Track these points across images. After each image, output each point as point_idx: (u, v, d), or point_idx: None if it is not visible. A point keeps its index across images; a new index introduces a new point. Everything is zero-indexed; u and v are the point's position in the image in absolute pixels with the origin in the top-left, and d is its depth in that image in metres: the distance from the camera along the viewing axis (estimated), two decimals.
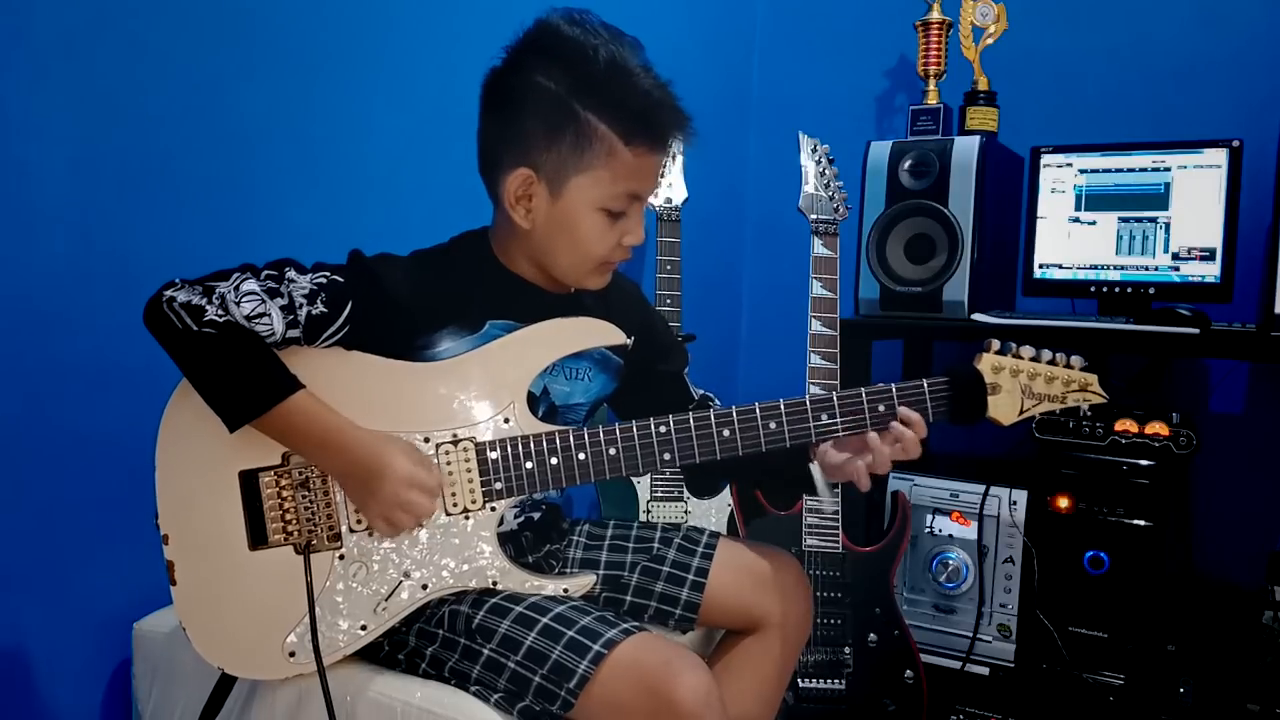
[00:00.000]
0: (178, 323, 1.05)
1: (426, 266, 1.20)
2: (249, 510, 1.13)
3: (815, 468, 1.26)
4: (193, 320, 1.05)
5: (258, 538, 1.13)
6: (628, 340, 1.23)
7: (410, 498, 1.10)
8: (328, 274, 1.12)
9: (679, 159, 2.07)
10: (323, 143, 1.60)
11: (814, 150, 1.81)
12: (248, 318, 1.06)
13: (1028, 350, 1.21)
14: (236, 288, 1.07)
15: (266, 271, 1.11)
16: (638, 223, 1.19)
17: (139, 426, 1.15)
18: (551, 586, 1.16)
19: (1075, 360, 1.23)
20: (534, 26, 1.16)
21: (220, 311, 1.05)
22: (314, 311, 1.10)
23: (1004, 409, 1.21)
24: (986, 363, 1.21)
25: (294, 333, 1.09)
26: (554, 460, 1.16)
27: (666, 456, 1.17)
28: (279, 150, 1.54)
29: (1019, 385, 1.21)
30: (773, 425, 1.18)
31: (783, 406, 1.19)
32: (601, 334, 1.21)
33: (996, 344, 1.22)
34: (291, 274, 1.11)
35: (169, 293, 1.06)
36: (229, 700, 1.19)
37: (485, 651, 1.09)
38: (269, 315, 1.07)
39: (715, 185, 2.49)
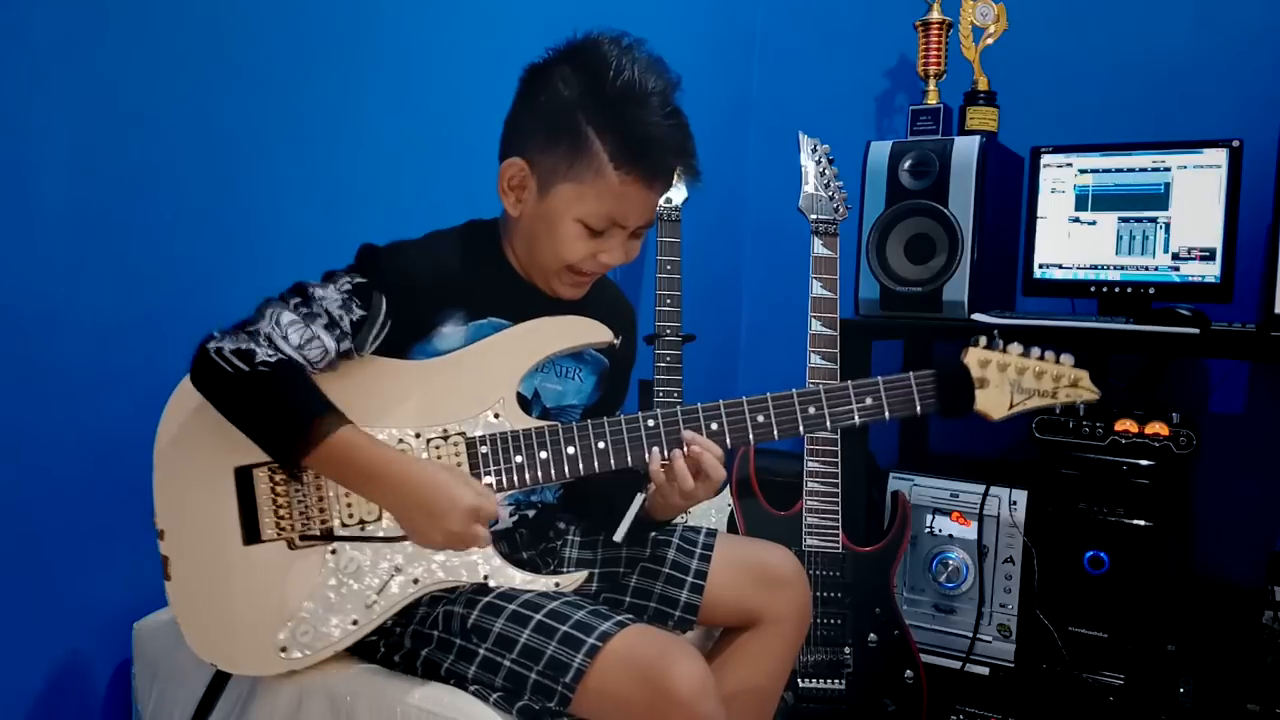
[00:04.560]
0: (228, 368, 1.05)
1: (439, 247, 1.22)
2: (243, 506, 1.13)
3: (638, 501, 1.27)
4: (244, 363, 1.05)
5: (251, 534, 1.13)
6: (615, 340, 1.24)
7: (473, 530, 1.09)
8: (349, 278, 1.14)
9: None
10: (322, 143, 1.60)
11: (814, 150, 1.81)
12: (298, 347, 1.07)
13: (1016, 346, 1.22)
14: (277, 322, 1.08)
15: (293, 300, 1.11)
16: (618, 245, 1.19)
17: (139, 426, 1.15)
18: (543, 582, 1.16)
19: (1065, 358, 1.23)
20: (582, 36, 1.18)
21: (270, 350, 1.06)
22: (354, 318, 1.11)
23: (993, 403, 1.22)
24: (974, 357, 1.22)
25: (346, 344, 1.11)
26: (543, 454, 1.17)
27: (655, 450, 1.18)
28: (279, 150, 1.54)
29: (1008, 380, 1.22)
30: (760, 419, 1.19)
31: (770, 400, 1.20)
32: (589, 332, 1.22)
33: (984, 339, 1.22)
34: (316, 292, 1.11)
35: (214, 344, 1.06)
36: (229, 701, 1.19)
37: (481, 651, 1.09)
38: (318, 337, 1.08)
39: (715, 185, 2.47)
